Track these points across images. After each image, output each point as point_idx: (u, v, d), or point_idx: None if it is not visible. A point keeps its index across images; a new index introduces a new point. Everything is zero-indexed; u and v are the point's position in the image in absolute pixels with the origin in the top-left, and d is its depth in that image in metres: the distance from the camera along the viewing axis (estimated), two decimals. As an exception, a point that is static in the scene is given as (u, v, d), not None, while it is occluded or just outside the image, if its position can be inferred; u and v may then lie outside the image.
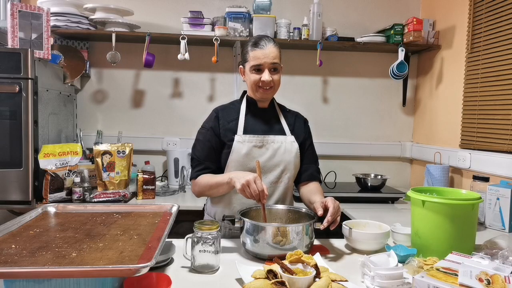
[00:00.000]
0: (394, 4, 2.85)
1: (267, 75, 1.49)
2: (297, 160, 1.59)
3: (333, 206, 1.30)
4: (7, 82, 1.93)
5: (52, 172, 2.03)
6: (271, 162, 1.55)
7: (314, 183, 1.63)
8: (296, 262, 1.07)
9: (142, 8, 2.70)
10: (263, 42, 1.50)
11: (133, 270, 0.81)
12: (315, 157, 1.70)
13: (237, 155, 1.53)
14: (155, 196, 2.28)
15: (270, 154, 1.55)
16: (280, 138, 1.58)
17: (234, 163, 1.53)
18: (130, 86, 2.77)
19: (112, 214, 1.27)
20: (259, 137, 1.55)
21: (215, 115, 1.60)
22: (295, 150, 1.58)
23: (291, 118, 1.67)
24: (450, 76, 2.49)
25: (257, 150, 1.54)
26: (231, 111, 1.62)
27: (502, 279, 0.92)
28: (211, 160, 1.57)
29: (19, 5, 2.06)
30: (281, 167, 1.56)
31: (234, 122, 1.58)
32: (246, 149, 1.52)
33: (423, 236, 1.26)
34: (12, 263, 0.85)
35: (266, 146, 1.55)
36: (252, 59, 1.50)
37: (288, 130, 1.62)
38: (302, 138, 1.64)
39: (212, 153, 1.57)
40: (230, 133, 1.56)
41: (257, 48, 1.49)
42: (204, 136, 1.59)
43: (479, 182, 1.86)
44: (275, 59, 1.50)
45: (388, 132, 2.93)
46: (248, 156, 1.52)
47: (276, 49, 1.51)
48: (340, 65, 2.86)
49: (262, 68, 1.50)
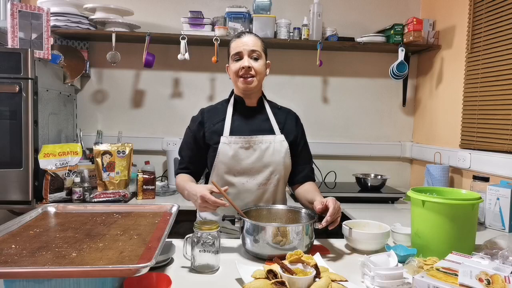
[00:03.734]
0: (394, 4, 2.85)
1: (246, 61, 1.48)
2: (287, 160, 1.57)
3: (333, 206, 1.30)
4: (7, 82, 1.93)
5: (52, 172, 2.04)
6: (259, 163, 1.52)
7: (309, 183, 1.62)
8: (296, 262, 1.07)
9: (142, 8, 2.70)
10: (244, 33, 1.54)
11: (133, 270, 0.81)
12: (309, 157, 1.67)
13: (223, 157, 1.51)
14: (155, 196, 2.28)
15: (257, 156, 1.52)
16: (269, 138, 1.54)
17: (220, 165, 1.53)
18: (130, 86, 2.77)
19: (112, 214, 1.27)
20: (246, 138, 1.52)
21: (199, 119, 1.60)
22: (284, 150, 1.55)
23: (282, 116, 1.63)
24: (450, 76, 2.49)
25: (244, 151, 1.52)
26: (218, 112, 1.61)
27: (502, 279, 0.92)
28: (193, 162, 1.61)
29: (19, 5, 2.06)
30: (270, 168, 1.53)
31: (220, 124, 1.57)
32: (232, 151, 1.51)
33: (423, 236, 1.26)
34: (12, 263, 0.85)
35: (253, 147, 1.52)
36: (232, 49, 1.52)
37: (278, 128, 1.58)
38: (293, 136, 1.61)
39: (193, 155, 1.60)
40: (215, 136, 1.54)
41: (238, 38, 1.53)
42: (187, 138, 1.63)
43: (479, 182, 1.86)
44: (255, 47, 1.50)
45: (388, 132, 2.93)
46: (235, 158, 1.51)
47: (256, 39, 1.53)
48: (340, 65, 2.86)
49: (242, 55, 1.50)
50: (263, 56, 1.54)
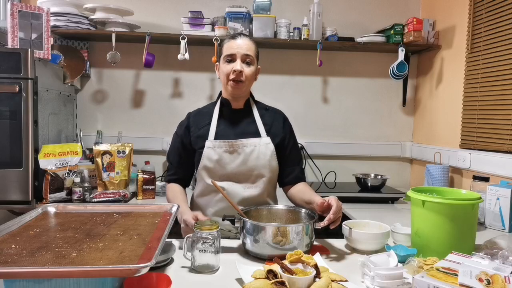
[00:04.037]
0: (394, 4, 2.85)
1: (238, 65, 1.47)
2: (274, 163, 1.55)
3: (336, 205, 1.29)
4: (7, 82, 1.93)
5: (52, 172, 2.04)
6: (243, 167, 1.51)
7: (302, 183, 1.61)
8: (296, 262, 1.07)
9: (142, 8, 2.70)
10: (239, 36, 1.52)
11: (133, 270, 0.81)
12: (298, 158, 1.66)
13: (208, 162, 1.51)
14: (155, 196, 2.28)
15: (242, 160, 1.51)
16: (254, 141, 1.53)
17: (205, 170, 1.53)
18: (130, 86, 2.77)
19: (112, 214, 1.27)
20: (230, 142, 1.51)
21: (186, 124, 1.60)
22: (270, 153, 1.53)
23: (269, 117, 1.61)
24: (450, 76, 2.49)
25: (228, 155, 1.51)
26: (204, 116, 1.60)
27: (502, 279, 0.92)
28: (180, 166, 1.61)
29: (19, 5, 2.06)
30: (255, 172, 1.52)
31: (205, 128, 1.56)
32: (217, 155, 1.50)
33: (423, 236, 1.26)
34: (12, 263, 0.85)
35: (237, 151, 1.51)
36: (226, 50, 1.50)
37: (264, 130, 1.56)
38: (281, 138, 1.59)
39: (181, 160, 1.61)
40: (200, 140, 1.54)
41: (232, 39, 1.51)
42: (175, 142, 1.63)
43: (479, 182, 1.86)
44: (249, 51, 1.49)
45: (388, 132, 2.93)
46: (220, 163, 1.51)
47: (251, 43, 1.52)
48: (340, 65, 2.86)
49: (235, 58, 1.49)
50: (255, 62, 1.54)
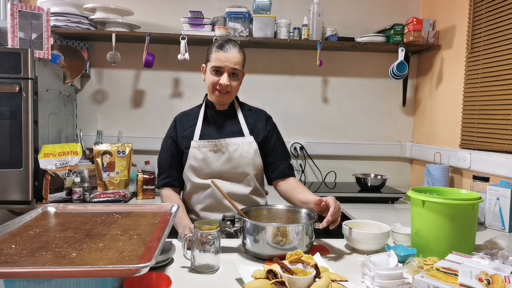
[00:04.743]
0: (394, 4, 2.85)
1: (225, 79, 1.50)
2: (258, 160, 1.59)
3: (334, 206, 1.30)
4: (7, 82, 1.93)
5: (52, 172, 2.03)
6: (228, 165, 1.55)
7: (292, 179, 1.62)
8: (296, 262, 1.07)
9: (142, 8, 2.70)
10: (228, 46, 1.51)
11: (133, 270, 0.81)
12: (285, 153, 1.67)
13: (193, 162, 1.55)
14: (155, 196, 2.27)
15: (226, 158, 1.55)
16: (237, 140, 1.57)
17: (191, 169, 1.56)
18: (130, 86, 2.77)
19: (112, 214, 1.27)
20: (214, 141, 1.55)
21: (173, 124, 1.65)
22: (253, 151, 1.57)
23: (252, 117, 1.65)
24: (450, 76, 2.49)
25: (213, 155, 1.55)
26: (190, 118, 1.64)
27: (502, 279, 0.92)
28: (174, 167, 1.62)
29: (19, 5, 2.06)
30: (239, 170, 1.56)
31: (190, 129, 1.60)
32: (202, 154, 1.54)
33: (423, 236, 1.26)
34: (12, 263, 0.85)
35: (222, 150, 1.55)
36: (214, 60, 1.51)
37: (247, 130, 1.60)
38: (263, 136, 1.62)
39: (174, 160, 1.62)
40: (186, 141, 1.58)
41: (221, 50, 1.50)
42: (165, 144, 1.65)
43: (479, 182, 1.86)
44: (237, 65, 1.51)
45: (388, 132, 2.93)
46: (205, 162, 1.55)
47: (239, 55, 1.52)
48: (340, 65, 2.86)
49: (222, 71, 1.51)
50: (242, 71, 1.56)
